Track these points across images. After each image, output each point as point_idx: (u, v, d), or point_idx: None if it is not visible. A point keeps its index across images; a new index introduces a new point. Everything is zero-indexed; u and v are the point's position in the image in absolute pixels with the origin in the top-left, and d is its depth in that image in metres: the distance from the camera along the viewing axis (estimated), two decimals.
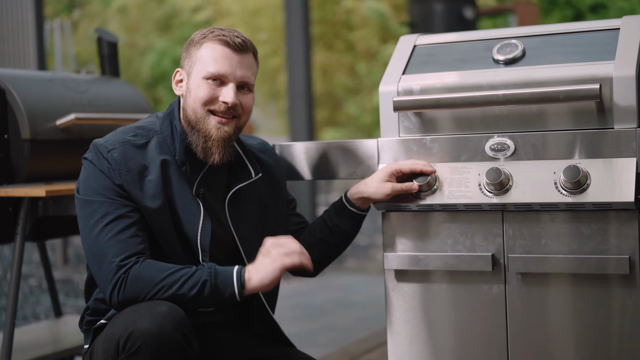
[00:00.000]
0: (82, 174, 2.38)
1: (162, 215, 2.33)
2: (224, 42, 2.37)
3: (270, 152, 2.66)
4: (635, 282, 2.30)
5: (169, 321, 2.13)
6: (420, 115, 2.54)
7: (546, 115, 2.40)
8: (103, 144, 2.36)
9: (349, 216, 2.58)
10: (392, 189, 2.46)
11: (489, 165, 2.41)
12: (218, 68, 2.37)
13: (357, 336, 4.82)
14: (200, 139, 2.38)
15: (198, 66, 2.39)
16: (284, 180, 2.65)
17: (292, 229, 2.66)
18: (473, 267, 2.43)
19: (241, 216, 2.48)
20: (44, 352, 3.45)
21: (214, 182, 2.47)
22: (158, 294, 2.22)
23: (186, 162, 2.40)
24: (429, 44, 2.70)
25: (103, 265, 2.26)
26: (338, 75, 16.29)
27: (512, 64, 2.50)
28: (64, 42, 15.94)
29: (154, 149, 2.38)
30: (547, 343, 2.39)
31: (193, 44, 2.42)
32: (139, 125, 2.45)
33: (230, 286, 2.24)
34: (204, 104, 2.37)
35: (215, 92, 2.37)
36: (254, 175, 2.51)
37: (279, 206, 2.60)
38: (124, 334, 2.13)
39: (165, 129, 2.43)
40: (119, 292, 2.24)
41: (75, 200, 2.37)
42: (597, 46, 2.45)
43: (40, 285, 7.06)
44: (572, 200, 2.29)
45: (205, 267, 2.25)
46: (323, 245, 2.61)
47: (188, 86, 2.41)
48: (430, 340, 2.52)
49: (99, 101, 3.54)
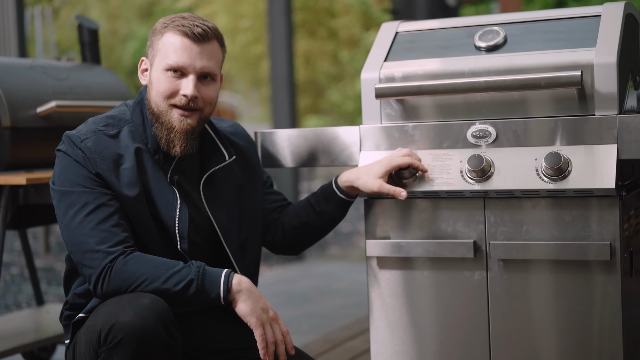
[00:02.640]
0: (57, 166, 2.35)
1: (139, 203, 2.32)
2: (183, 33, 2.34)
3: (242, 133, 2.66)
4: (615, 268, 2.31)
5: (152, 314, 2.12)
6: (402, 102, 2.54)
7: (527, 102, 2.41)
8: (75, 134, 2.34)
9: (337, 202, 2.58)
10: (380, 188, 2.45)
11: (470, 152, 2.42)
12: (177, 60, 2.34)
13: (340, 323, 4.83)
14: (163, 131, 2.37)
15: (159, 57, 2.37)
16: (258, 160, 2.65)
17: (272, 207, 2.67)
18: (455, 254, 2.44)
19: (216, 199, 2.47)
20: (26, 340, 3.44)
21: (188, 167, 2.46)
22: (141, 285, 2.21)
23: (159, 150, 2.39)
24: (411, 30, 2.69)
25: (87, 255, 2.24)
26: (321, 63, 16.28)
27: (493, 50, 2.50)
28: (45, 29, 15.84)
29: (126, 138, 2.36)
30: (528, 329, 2.40)
31: (155, 33, 2.40)
32: (110, 115, 2.42)
33: (216, 288, 2.23)
34: (165, 98, 2.36)
35: (176, 85, 2.35)
36: (228, 158, 2.50)
37: (255, 187, 2.60)
38: (106, 326, 2.12)
39: (136, 118, 2.41)
40: (103, 281, 2.22)
41: (52, 192, 2.34)
42: (578, 33, 2.45)
43: (22, 274, 7.03)
44: (554, 186, 2.30)
45: (193, 266, 2.24)
46: (309, 228, 2.63)
47: (151, 77, 2.40)
48: (412, 327, 2.52)
49: (80, 89, 3.51)
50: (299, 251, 2.71)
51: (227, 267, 2.43)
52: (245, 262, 2.51)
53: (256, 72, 16.86)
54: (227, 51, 2.49)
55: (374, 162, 2.49)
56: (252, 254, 2.56)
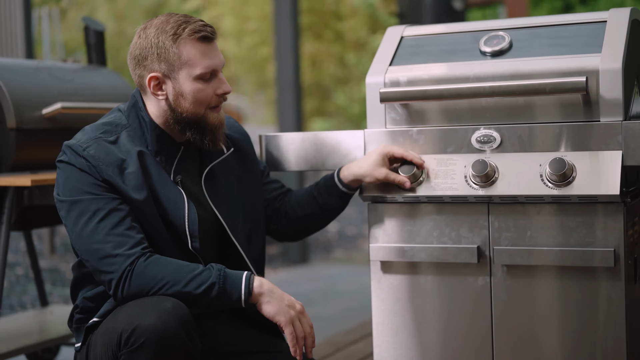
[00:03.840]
0: (61, 177, 2.33)
1: (147, 206, 2.32)
2: (200, 38, 2.34)
3: (235, 125, 2.66)
4: (620, 275, 2.30)
5: (174, 318, 2.13)
6: (407, 107, 2.53)
7: (532, 107, 2.40)
8: (76, 144, 2.33)
9: (339, 195, 2.61)
10: (387, 176, 2.47)
11: (475, 157, 2.41)
12: (209, 65, 2.35)
13: (343, 326, 4.82)
14: (207, 133, 2.38)
15: (186, 69, 2.34)
16: (253, 151, 2.66)
17: (272, 196, 2.69)
18: (458, 259, 2.44)
19: (218, 193, 2.48)
20: (30, 341, 3.44)
21: (189, 165, 2.47)
22: (163, 288, 2.21)
23: (160, 152, 2.39)
24: (416, 35, 2.69)
25: (104, 261, 2.24)
26: (327, 65, 16.27)
27: (499, 56, 2.50)
28: (52, 30, 15.87)
29: (126, 142, 2.35)
30: (532, 335, 2.40)
31: (165, 45, 2.33)
32: (105, 121, 2.41)
33: (237, 291, 2.24)
34: (207, 105, 2.37)
35: (212, 89, 2.37)
36: (226, 151, 2.51)
37: (253, 178, 2.62)
38: (127, 329, 2.12)
39: (132, 122, 2.40)
40: (124, 285, 2.22)
41: (58, 204, 2.32)
42: (584, 39, 2.45)
43: (26, 274, 7.04)
44: (558, 192, 2.29)
45: (214, 269, 2.24)
46: (312, 218, 2.67)
47: (176, 89, 2.35)
48: (415, 331, 2.52)
49: (85, 90, 3.52)
50: (302, 238, 2.81)
51: (235, 261, 2.45)
52: (252, 253, 2.52)
53: (262, 75, 16.85)
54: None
55: (369, 153, 2.53)
56: (257, 244, 2.57)
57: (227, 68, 16.77)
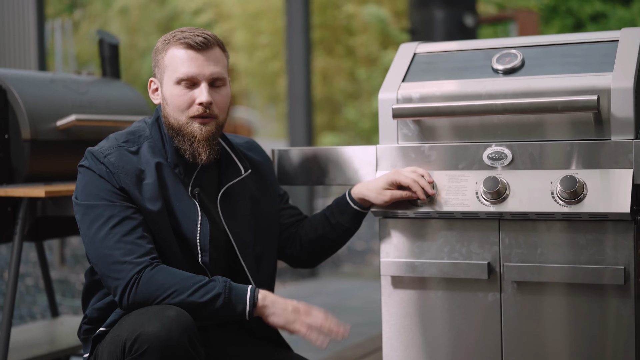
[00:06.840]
0: (80, 181, 2.39)
1: (161, 218, 2.35)
2: (186, 45, 2.39)
3: (257, 149, 2.69)
4: (629, 293, 2.31)
5: (177, 326, 2.15)
6: (419, 123, 2.55)
7: (544, 125, 2.42)
8: (98, 150, 2.38)
9: (352, 214, 2.62)
10: (391, 197, 2.48)
11: (486, 173, 2.43)
12: (186, 71, 2.39)
13: (353, 341, 4.82)
14: (186, 143, 2.41)
15: (168, 73, 2.42)
16: (273, 175, 2.69)
17: (289, 221, 2.70)
18: (469, 275, 2.44)
19: (233, 213, 2.50)
20: (40, 351, 3.45)
21: (207, 181, 2.50)
22: (169, 297, 2.23)
23: (179, 164, 2.42)
24: (429, 52, 2.71)
25: (113, 267, 2.27)
26: (338, 80, 16.29)
27: (511, 73, 2.51)
28: (65, 42, 15.94)
29: (147, 153, 2.40)
30: (541, 352, 2.40)
31: (158, 51, 2.45)
32: (130, 131, 2.47)
33: (242, 303, 2.26)
34: (183, 111, 2.40)
35: (190, 97, 2.40)
36: (244, 172, 2.54)
37: (270, 202, 2.64)
38: (131, 337, 2.15)
39: (154, 134, 2.46)
40: (130, 292, 2.25)
41: (75, 207, 2.37)
42: (595, 57, 2.46)
43: (37, 285, 7.06)
44: (569, 210, 2.30)
45: (220, 281, 2.27)
46: (325, 240, 2.66)
47: (163, 94, 2.44)
48: (425, 346, 2.53)
49: (100, 103, 3.55)
50: (316, 263, 2.77)
51: (242, 282, 2.46)
52: (261, 276, 2.54)
53: (273, 89, 16.89)
54: (229, 57, 2.54)
55: (378, 178, 2.54)
56: (267, 268, 2.58)
57: (238, 82, 16.83)
